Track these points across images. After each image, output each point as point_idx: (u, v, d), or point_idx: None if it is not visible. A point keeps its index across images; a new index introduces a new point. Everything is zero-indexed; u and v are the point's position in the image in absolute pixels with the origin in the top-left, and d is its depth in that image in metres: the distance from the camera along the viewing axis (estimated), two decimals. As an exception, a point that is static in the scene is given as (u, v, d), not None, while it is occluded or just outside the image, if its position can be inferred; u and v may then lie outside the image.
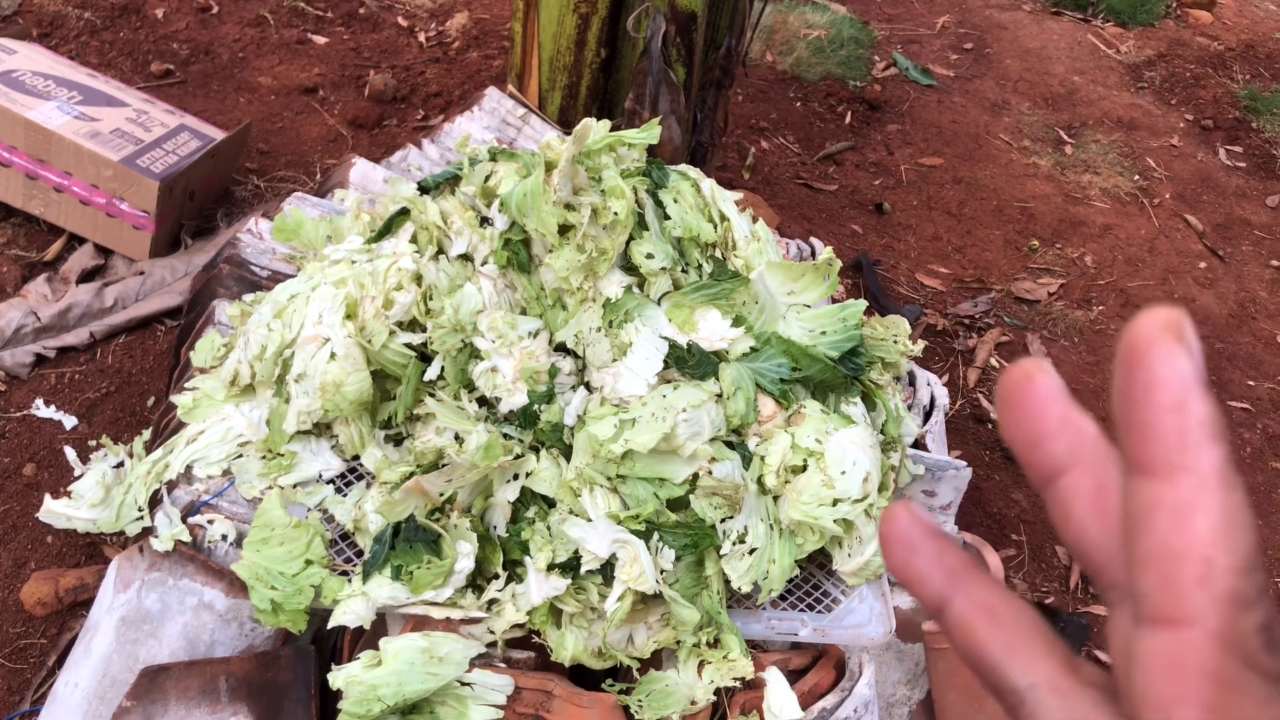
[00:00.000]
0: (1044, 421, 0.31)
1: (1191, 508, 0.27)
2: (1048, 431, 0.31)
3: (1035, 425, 0.31)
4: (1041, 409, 0.31)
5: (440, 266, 1.63)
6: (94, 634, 1.48)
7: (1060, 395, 0.31)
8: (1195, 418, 0.28)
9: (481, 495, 1.52)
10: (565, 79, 2.36)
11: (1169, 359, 0.27)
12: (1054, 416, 0.31)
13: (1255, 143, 4.28)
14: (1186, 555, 0.27)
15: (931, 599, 0.33)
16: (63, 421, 2.15)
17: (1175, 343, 0.27)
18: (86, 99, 2.53)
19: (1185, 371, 0.27)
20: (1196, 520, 0.27)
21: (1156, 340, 0.27)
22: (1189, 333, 0.28)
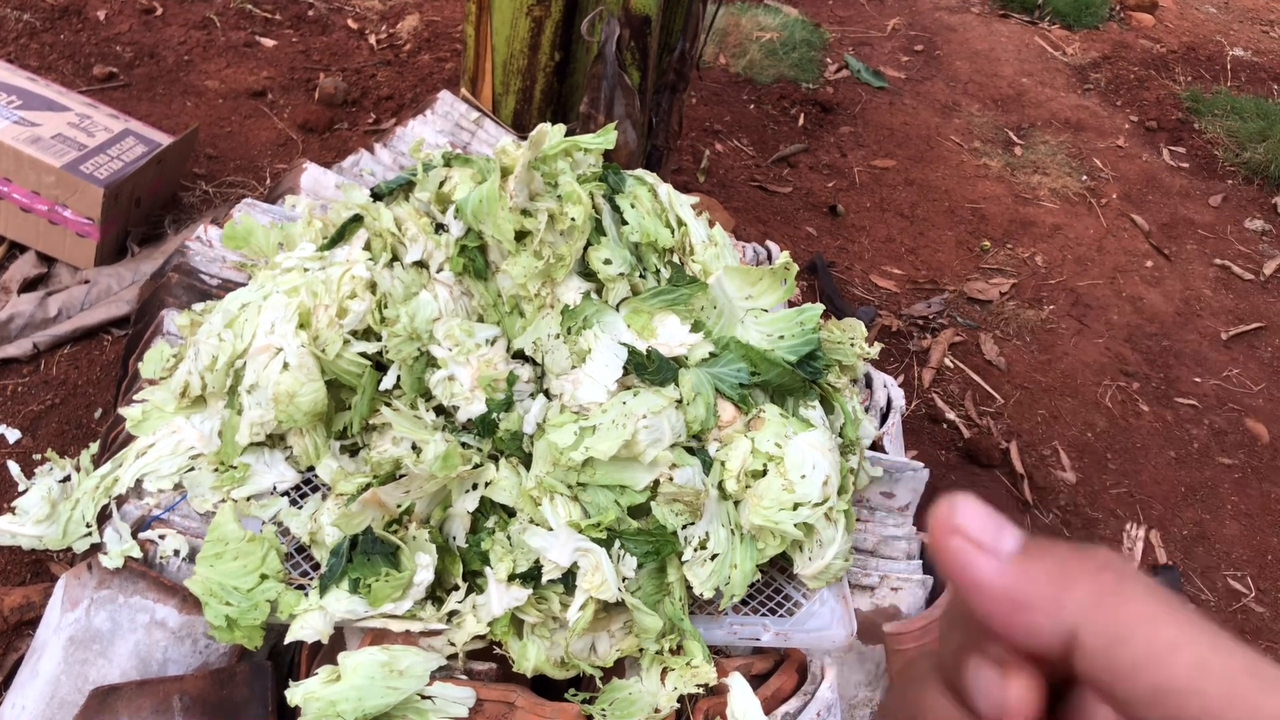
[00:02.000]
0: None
1: None
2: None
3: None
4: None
5: (395, 274, 1.61)
6: (41, 654, 1.44)
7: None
8: None
9: (440, 506, 1.51)
10: (519, 83, 2.35)
11: None
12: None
13: (1197, 143, 4.37)
14: None
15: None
16: (5, 435, 2.10)
17: None
18: (26, 103, 2.47)
19: None
20: None
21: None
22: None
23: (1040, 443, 2.84)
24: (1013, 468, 2.71)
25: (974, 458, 2.71)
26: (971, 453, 2.71)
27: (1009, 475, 2.70)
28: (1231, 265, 3.72)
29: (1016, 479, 2.68)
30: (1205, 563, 2.63)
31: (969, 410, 2.88)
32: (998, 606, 0.32)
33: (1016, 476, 2.69)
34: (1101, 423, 2.96)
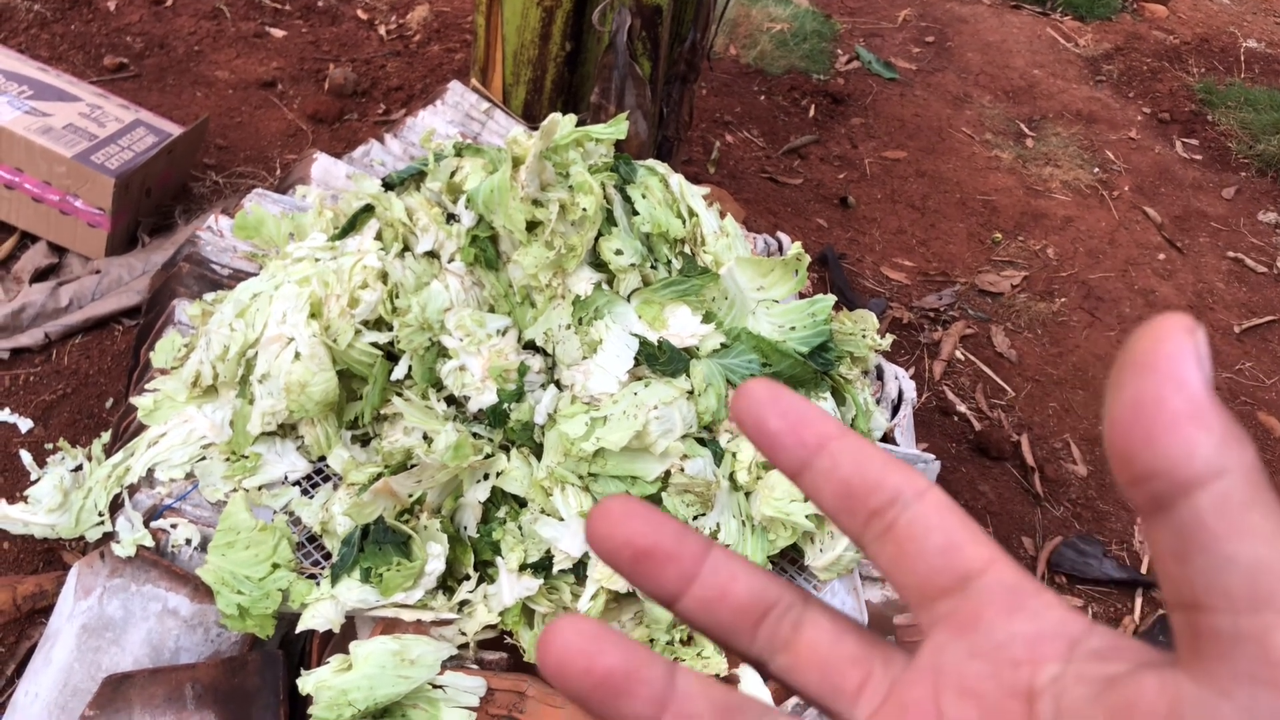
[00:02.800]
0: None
1: (868, 443, 0.33)
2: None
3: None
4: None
5: (406, 264, 1.61)
6: (54, 642, 1.44)
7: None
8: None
9: (451, 496, 1.51)
10: (530, 73, 2.34)
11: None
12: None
13: (1210, 135, 4.34)
14: (891, 459, 0.32)
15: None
16: (17, 425, 2.10)
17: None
18: (38, 94, 2.47)
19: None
20: (877, 447, 0.33)
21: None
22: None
23: (1051, 435, 2.83)
24: (1024, 460, 2.70)
25: (985, 450, 2.70)
26: (982, 445, 2.70)
27: (1020, 468, 2.69)
28: (1245, 258, 3.70)
29: (1027, 472, 2.68)
30: (1217, 556, 2.62)
31: (980, 403, 2.87)
32: None
33: (1027, 469, 2.68)
34: (1113, 416, 2.94)
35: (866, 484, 0.32)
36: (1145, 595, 2.46)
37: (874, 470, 0.32)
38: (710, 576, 0.33)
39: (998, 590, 0.30)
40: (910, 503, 0.32)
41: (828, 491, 0.33)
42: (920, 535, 0.31)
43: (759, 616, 0.33)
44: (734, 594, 0.33)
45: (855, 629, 0.34)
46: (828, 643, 0.33)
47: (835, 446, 0.32)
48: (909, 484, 0.32)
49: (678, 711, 0.31)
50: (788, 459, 0.33)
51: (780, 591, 0.34)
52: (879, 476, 0.32)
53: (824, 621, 0.34)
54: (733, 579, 0.33)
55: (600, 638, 0.30)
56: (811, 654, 0.33)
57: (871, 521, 0.32)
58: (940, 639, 0.31)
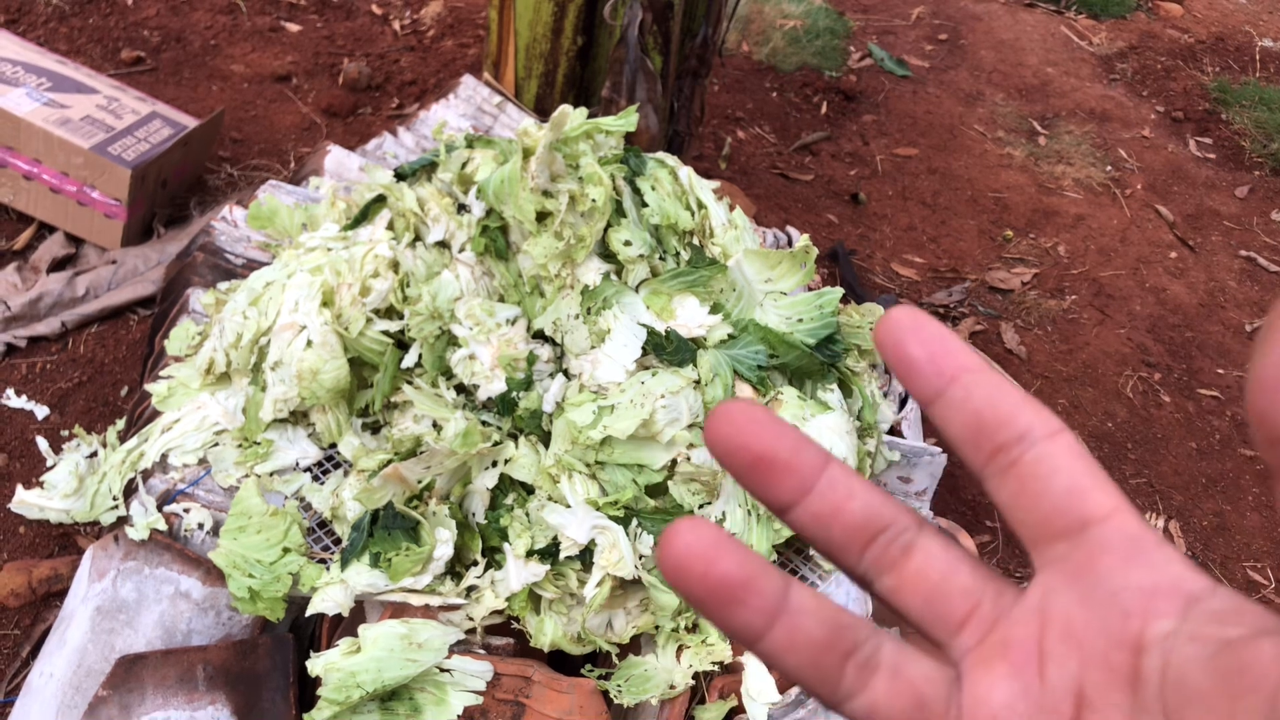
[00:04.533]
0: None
1: (1005, 379, 0.33)
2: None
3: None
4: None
5: (417, 254, 1.63)
6: (69, 624, 1.47)
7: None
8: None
9: (460, 482, 1.52)
10: (541, 67, 2.36)
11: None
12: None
13: (1224, 134, 4.32)
14: (1028, 398, 0.33)
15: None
16: (34, 412, 2.13)
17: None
18: (56, 86, 2.50)
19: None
20: (1013, 384, 0.34)
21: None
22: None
23: (1060, 432, 2.83)
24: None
25: (993, 446, 2.70)
26: (990, 441, 2.71)
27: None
28: (1257, 257, 3.69)
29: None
30: (1225, 554, 2.62)
31: (989, 399, 2.87)
32: None
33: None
34: (1122, 413, 2.94)
35: (997, 418, 0.32)
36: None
37: (1007, 406, 0.32)
38: (826, 491, 0.33)
39: (1117, 539, 0.30)
40: (1039, 441, 0.31)
41: (957, 422, 0.32)
42: (1045, 475, 0.31)
43: (870, 537, 0.33)
44: (848, 511, 0.33)
45: (970, 562, 0.33)
46: (938, 571, 0.33)
47: (970, 379, 0.32)
48: (1041, 423, 0.31)
49: (789, 625, 0.31)
50: (923, 386, 0.33)
51: (895, 514, 0.33)
52: (1011, 412, 0.31)
53: (936, 550, 0.33)
54: (849, 496, 0.33)
55: (720, 544, 0.31)
56: (919, 580, 0.33)
57: (996, 456, 0.32)
58: (1051, 582, 0.31)
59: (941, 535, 0.34)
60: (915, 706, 0.32)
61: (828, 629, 0.32)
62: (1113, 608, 0.29)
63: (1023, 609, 0.31)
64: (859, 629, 0.32)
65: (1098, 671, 0.29)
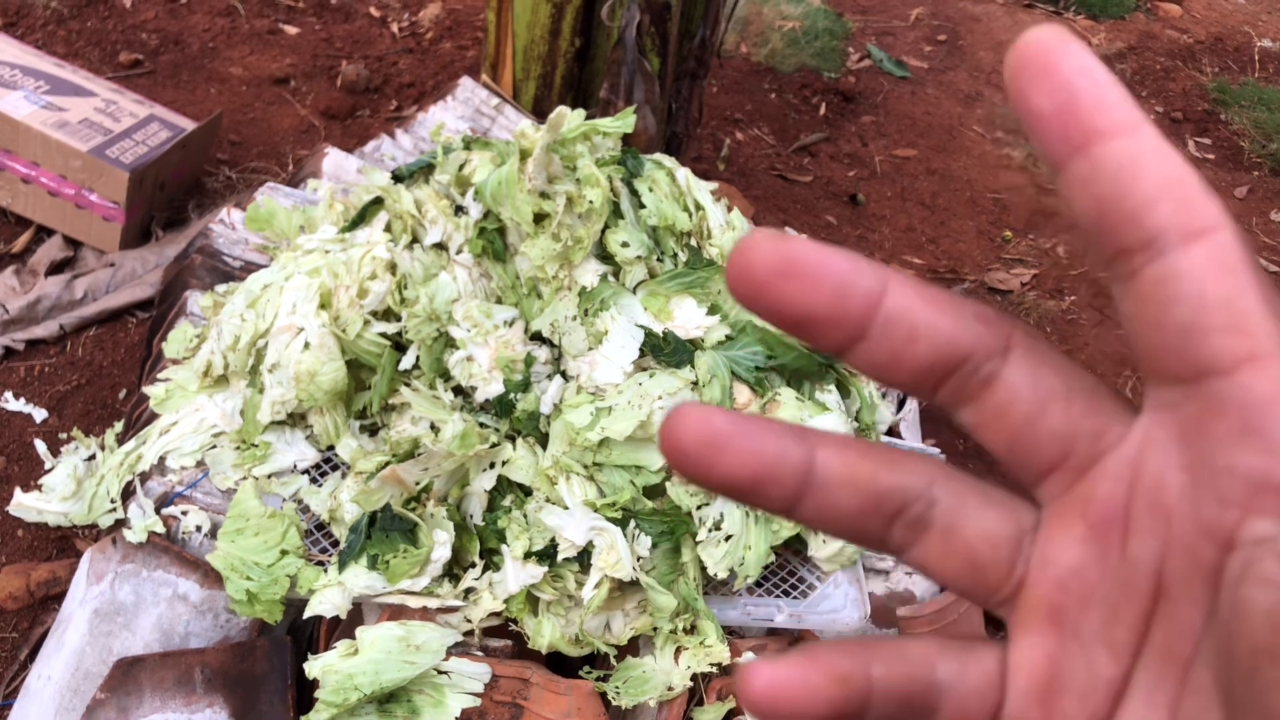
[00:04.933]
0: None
1: (1156, 150, 0.24)
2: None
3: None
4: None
5: (415, 255, 1.63)
6: (66, 627, 1.47)
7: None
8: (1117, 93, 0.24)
9: (458, 484, 1.52)
10: (539, 68, 2.36)
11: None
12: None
13: (1224, 134, 4.33)
14: (1182, 179, 0.24)
15: None
16: (32, 414, 2.13)
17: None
18: (54, 89, 2.50)
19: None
20: (1168, 157, 0.24)
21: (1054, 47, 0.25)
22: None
23: (1059, 433, 2.83)
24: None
25: (992, 447, 2.70)
26: (990, 442, 2.71)
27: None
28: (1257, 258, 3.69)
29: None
30: (1225, 554, 2.62)
31: (988, 400, 2.87)
32: None
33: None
34: (1122, 414, 2.94)
35: (1124, 210, 0.24)
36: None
37: (1140, 193, 0.24)
38: (881, 337, 0.26)
39: (1238, 402, 0.23)
40: (1169, 249, 0.23)
41: (1080, 208, 0.25)
42: (1164, 299, 0.24)
43: (942, 376, 0.27)
44: (910, 357, 0.26)
45: (1064, 396, 0.27)
46: (1022, 412, 0.27)
47: (1102, 151, 0.24)
48: (1178, 223, 0.23)
49: (816, 502, 0.27)
50: (1046, 150, 0.25)
51: (973, 342, 0.26)
52: (1143, 204, 0.24)
53: (1023, 383, 0.27)
54: (909, 340, 0.26)
55: (723, 434, 0.26)
56: (1001, 419, 0.27)
57: (1117, 261, 0.25)
58: (1154, 434, 0.25)
59: (1032, 360, 0.27)
60: (970, 569, 0.28)
61: (861, 498, 0.28)
62: (1211, 488, 0.23)
63: (1117, 459, 0.26)
64: (905, 490, 0.28)
65: (1181, 558, 0.24)
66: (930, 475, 0.28)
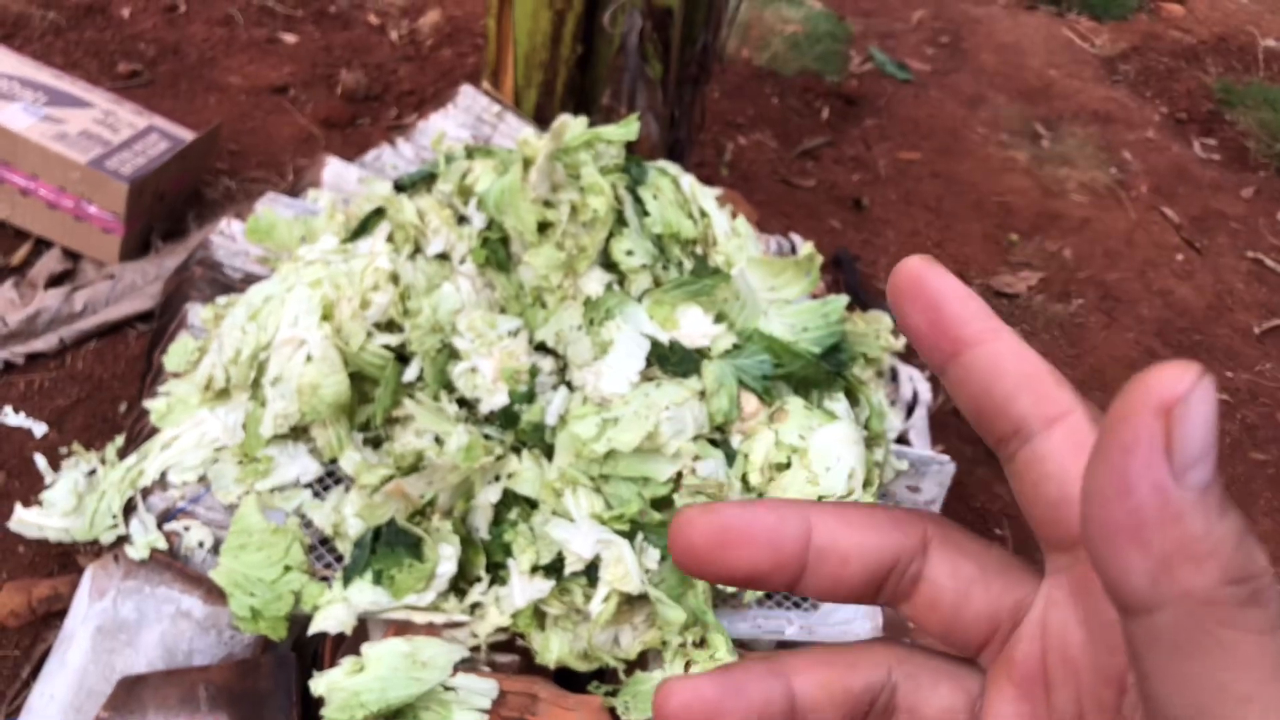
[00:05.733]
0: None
1: (1014, 351, 0.28)
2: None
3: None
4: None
5: (418, 266, 1.61)
6: (69, 644, 1.45)
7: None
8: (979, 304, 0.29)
9: (463, 497, 1.50)
10: (541, 76, 2.34)
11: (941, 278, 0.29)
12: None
13: (1229, 135, 4.30)
14: (1037, 373, 0.28)
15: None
16: (32, 429, 2.11)
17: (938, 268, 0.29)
18: (53, 100, 2.49)
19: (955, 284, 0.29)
20: (1024, 355, 0.28)
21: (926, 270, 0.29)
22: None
23: (1068, 437, 2.81)
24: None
25: (1000, 452, 2.68)
26: (998, 447, 2.69)
27: (1036, 470, 2.67)
28: (1264, 258, 3.66)
29: (1044, 474, 2.66)
30: (1237, 559, 2.59)
31: (995, 404, 2.85)
32: None
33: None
34: (1130, 417, 2.92)
35: (994, 404, 0.28)
36: (1164, 598, 2.43)
37: (1003, 388, 0.28)
38: (817, 567, 0.29)
39: None
40: (1035, 434, 0.27)
41: (962, 405, 0.29)
42: (1038, 479, 0.27)
43: (878, 585, 0.30)
44: (848, 577, 0.30)
45: (982, 580, 0.30)
46: (949, 603, 0.30)
47: (970, 356, 0.28)
48: (1039, 410, 0.27)
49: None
50: (928, 359, 0.29)
51: (898, 546, 0.30)
52: (1007, 397, 0.28)
53: (944, 576, 0.30)
54: (843, 564, 0.29)
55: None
56: (932, 611, 0.30)
57: (1000, 448, 0.29)
58: (1053, 595, 0.29)
59: (947, 551, 0.30)
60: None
61: (843, 713, 0.30)
62: (1102, 640, 0.26)
63: (1030, 621, 0.29)
64: (871, 685, 0.30)
65: (1092, 705, 0.27)
66: (887, 661, 0.31)
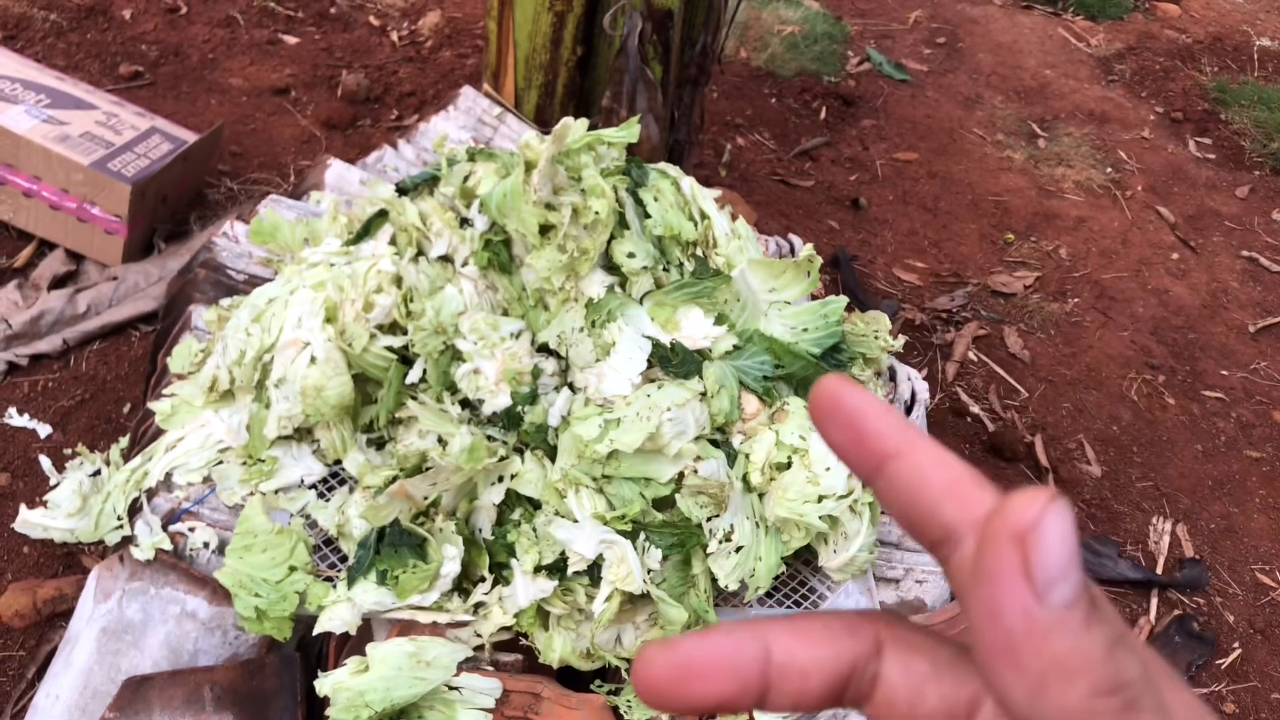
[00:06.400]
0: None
1: (934, 459, 0.30)
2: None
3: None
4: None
5: (420, 268, 1.62)
6: (74, 645, 1.46)
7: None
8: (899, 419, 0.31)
9: (466, 498, 1.52)
10: (541, 77, 2.35)
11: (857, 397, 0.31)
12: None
13: (1224, 134, 4.32)
14: (958, 478, 0.29)
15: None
16: (37, 430, 2.12)
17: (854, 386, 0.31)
18: (55, 102, 2.50)
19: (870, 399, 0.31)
20: (944, 462, 0.30)
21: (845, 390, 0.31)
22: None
23: (1065, 436, 2.83)
24: (1037, 461, 2.70)
25: (998, 451, 2.70)
26: (996, 446, 2.70)
27: (1034, 469, 2.69)
28: (1259, 257, 3.68)
29: (1041, 472, 2.67)
30: (1233, 556, 2.61)
31: (993, 403, 2.87)
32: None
33: (1041, 470, 2.68)
34: (1127, 416, 2.94)
35: (920, 514, 0.30)
36: (1161, 595, 2.45)
37: (927, 500, 0.30)
38: (780, 685, 0.30)
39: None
40: (964, 539, 0.29)
41: (893, 511, 0.31)
42: (965, 580, 0.29)
43: (840, 692, 0.31)
44: (810, 690, 0.31)
45: (933, 676, 0.31)
46: (904, 697, 0.31)
47: (892, 469, 0.30)
48: (963, 516, 0.29)
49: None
50: (855, 471, 0.32)
51: (853, 654, 0.31)
52: (931, 508, 0.30)
53: (896, 674, 0.31)
54: (803, 678, 0.30)
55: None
56: (889, 710, 0.31)
57: (934, 551, 0.31)
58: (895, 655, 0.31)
59: (900, 651, 0.32)
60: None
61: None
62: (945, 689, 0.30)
63: (984, 715, 0.30)
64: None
65: None
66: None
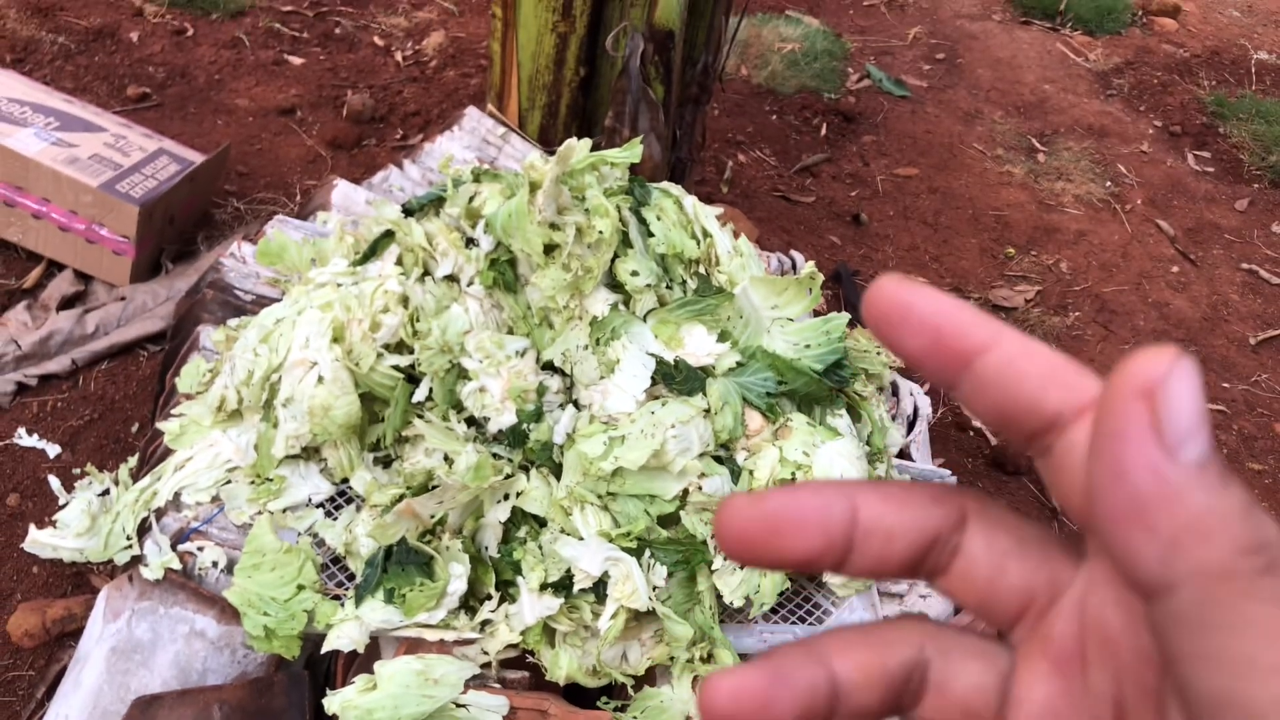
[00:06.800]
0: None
1: (1025, 349, 0.29)
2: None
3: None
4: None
5: (426, 288, 1.64)
6: (84, 665, 1.47)
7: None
8: None
9: (472, 516, 1.53)
10: (545, 98, 2.38)
11: None
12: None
13: (1223, 147, 4.34)
14: (1057, 366, 0.28)
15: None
16: (46, 450, 2.14)
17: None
18: (63, 125, 2.52)
19: None
20: (1037, 350, 0.28)
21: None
22: None
23: (1068, 450, 2.83)
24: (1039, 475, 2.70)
25: (1001, 465, 2.71)
26: (998, 460, 2.71)
27: (1036, 482, 2.70)
28: (1259, 270, 3.70)
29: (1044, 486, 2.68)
30: (1237, 569, 2.61)
31: (995, 418, 2.88)
32: None
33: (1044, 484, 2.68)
34: (1129, 429, 2.94)
35: (1019, 405, 0.28)
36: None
37: (1029, 387, 0.28)
38: (864, 546, 0.30)
39: None
40: (1068, 426, 0.28)
41: (982, 414, 0.29)
42: (1076, 466, 0.27)
43: (920, 560, 0.30)
44: (893, 554, 0.30)
45: (1018, 552, 0.30)
46: (983, 576, 0.30)
47: (981, 365, 0.28)
48: (1069, 403, 0.28)
49: (848, 708, 0.29)
50: (933, 379, 0.29)
51: (939, 522, 0.30)
52: (1035, 395, 0.28)
53: (979, 550, 0.30)
54: (888, 541, 0.30)
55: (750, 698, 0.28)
56: (966, 584, 0.30)
57: (1031, 443, 0.29)
58: (1094, 574, 0.28)
59: (985, 525, 0.31)
60: (966, 718, 0.30)
61: (883, 691, 0.30)
62: (1142, 619, 0.26)
63: (1069, 600, 0.29)
64: (905, 663, 0.30)
65: (1132, 684, 0.27)
66: (919, 639, 0.30)
